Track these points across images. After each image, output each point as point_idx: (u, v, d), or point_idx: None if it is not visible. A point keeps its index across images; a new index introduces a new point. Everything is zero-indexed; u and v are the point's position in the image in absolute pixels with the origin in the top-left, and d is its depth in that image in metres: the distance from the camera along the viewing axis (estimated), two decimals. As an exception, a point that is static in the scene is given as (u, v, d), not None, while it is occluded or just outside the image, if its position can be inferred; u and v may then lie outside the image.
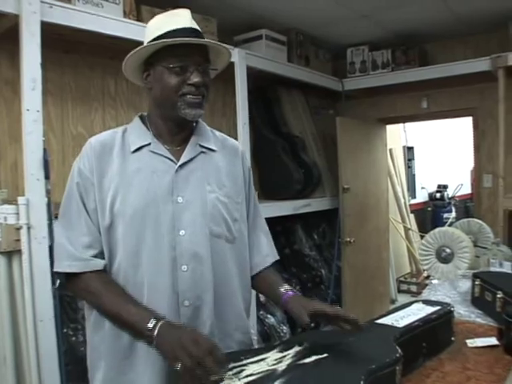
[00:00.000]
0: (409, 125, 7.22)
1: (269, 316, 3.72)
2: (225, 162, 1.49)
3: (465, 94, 4.36)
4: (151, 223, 1.33)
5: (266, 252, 1.58)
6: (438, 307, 1.59)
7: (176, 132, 1.43)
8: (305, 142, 4.21)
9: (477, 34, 4.19)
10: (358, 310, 4.18)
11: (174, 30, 1.35)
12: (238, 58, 3.31)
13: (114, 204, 1.34)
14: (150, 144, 1.41)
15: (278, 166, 3.91)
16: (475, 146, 4.38)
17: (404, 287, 6.06)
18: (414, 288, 5.94)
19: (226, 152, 1.52)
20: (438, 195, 8.00)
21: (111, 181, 1.36)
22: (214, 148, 1.48)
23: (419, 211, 7.54)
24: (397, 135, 6.71)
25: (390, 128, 5.36)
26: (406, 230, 6.27)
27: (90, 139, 1.43)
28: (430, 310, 1.56)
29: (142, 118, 1.49)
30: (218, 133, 1.58)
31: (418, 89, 4.46)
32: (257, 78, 3.67)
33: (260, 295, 3.31)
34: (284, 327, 3.67)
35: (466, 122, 4.60)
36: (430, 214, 7.80)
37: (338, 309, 1.31)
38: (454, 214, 7.68)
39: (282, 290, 1.43)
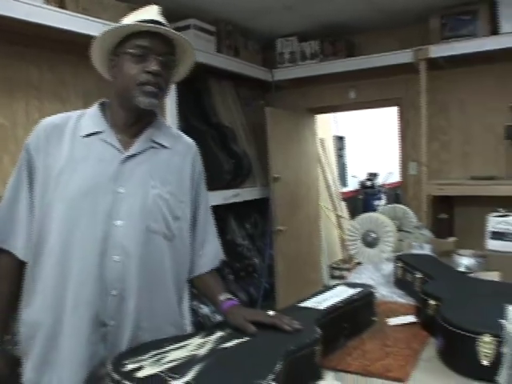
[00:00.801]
0: (340, 115, 7.39)
1: (202, 306, 3.73)
2: (174, 160, 1.49)
3: (390, 84, 4.51)
4: (88, 210, 1.34)
5: (213, 255, 1.60)
6: (360, 289, 1.66)
7: (131, 123, 1.44)
8: (235, 132, 4.23)
9: (401, 27, 4.33)
10: (291, 296, 4.25)
11: (139, 21, 1.37)
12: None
13: (55, 187, 1.35)
14: (102, 132, 1.41)
15: (207, 156, 3.86)
16: (401, 135, 4.55)
17: (336, 273, 6.22)
18: (346, 273, 6.10)
19: (177, 150, 1.52)
20: (369, 183, 8.25)
21: (57, 163, 1.36)
22: (166, 145, 1.48)
23: (351, 199, 7.74)
24: (328, 125, 6.84)
25: (321, 118, 5.47)
26: (338, 217, 6.43)
27: (43, 120, 1.44)
28: (352, 291, 1.62)
29: (103, 105, 1.49)
30: (175, 131, 1.60)
31: (346, 79, 4.56)
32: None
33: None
34: (218, 316, 3.70)
35: (394, 112, 4.76)
36: (361, 201, 8.03)
37: (274, 318, 1.34)
38: (384, 202, 7.94)
39: (222, 298, 1.47)
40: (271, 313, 1.36)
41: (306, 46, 4.55)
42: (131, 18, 1.42)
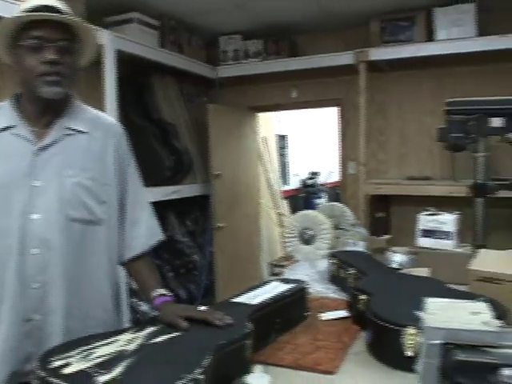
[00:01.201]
0: (282, 114, 7.45)
1: (141, 303, 3.69)
2: (94, 145, 1.45)
3: (332, 85, 4.58)
4: (3, 206, 1.31)
5: (145, 236, 1.56)
6: (293, 285, 1.68)
7: (41, 113, 1.39)
8: (177, 128, 4.20)
9: (344, 29, 4.41)
10: (230, 293, 4.23)
11: (32, 8, 1.32)
12: (107, 41, 3.21)
13: None
14: (14, 126, 1.37)
15: (148, 152, 3.86)
16: (341, 135, 4.64)
17: (276, 270, 6.25)
18: (286, 271, 6.15)
19: (98, 133, 1.47)
20: (310, 182, 8.37)
21: None
22: (83, 130, 1.44)
23: (292, 198, 7.82)
24: (270, 124, 6.88)
25: (263, 117, 5.51)
26: (279, 215, 6.48)
27: None
28: (285, 287, 1.64)
29: (17, 97, 1.44)
30: (94, 112, 1.54)
31: (289, 78, 4.61)
32: (128, 64, 3.59)
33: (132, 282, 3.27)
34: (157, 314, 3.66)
35: (335, 112, 4.84)
36: (303, 200, 8.13)
37: (206, 313, 1.34)
38: (324, 200, 8.07)
39: (155, 294, 1.45)
40: (203, 308, 1.37)
41: (249, 44, 4.56)
42: (24, 6, 1.36)
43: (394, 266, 2.17)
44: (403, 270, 2.10)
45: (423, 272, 2.09)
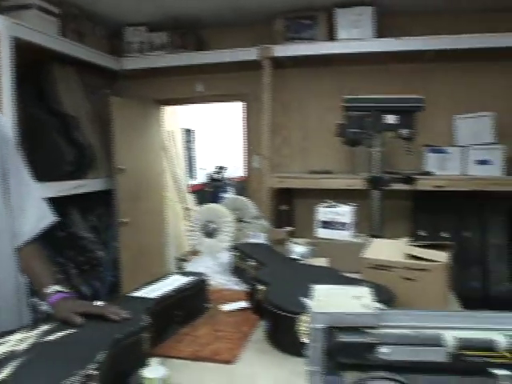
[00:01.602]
0: (189, 108, 7.41)
1: (42, 302, 3.54)
2: None
3: (237, 80, 4.62)
4: None
5: (34, 220, 1.49)
6: (193, 278, 1.69)
7: None
8: (79, 121, 4.06)
9: (251, 25, 4.45)
10: (135, 289, 4.20)
11: None
12: (2, 27, 3.03)
13: None
14: None
15: (48, 146, 3.71)
16: (246, 130, 4.70)
17: (183, 265, 6.23)
18: (188, 264, 6.14)
19: None
20: (217, 176, 8.40)
21: None
22: None
23: (199, 192, 7.81)
24: (177, 118, 6.83)
25: (169, 110, 5.45)
26: (185, 210, 6.46)
27: None
28: (185, 280, 1.65)
29: None
30: None
31: (194, 72, 4.59)
32: (27, 53, 3.41)
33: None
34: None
35: (240, 107, 4.88)
36: (210, 194, 8.14)
37: (102, 308, 1.30)
38: (232, 194, 8.12)
39: (49, 291, 1.39)
40: (99, 303, 1.34)
41: (155, 36, 4.49)
42: None
43: (295, 256, 2.24)
44: (303, 261, 2.17)
45: (322, 262, 2.17)
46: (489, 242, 3.95)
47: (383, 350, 0.78)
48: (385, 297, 1.45)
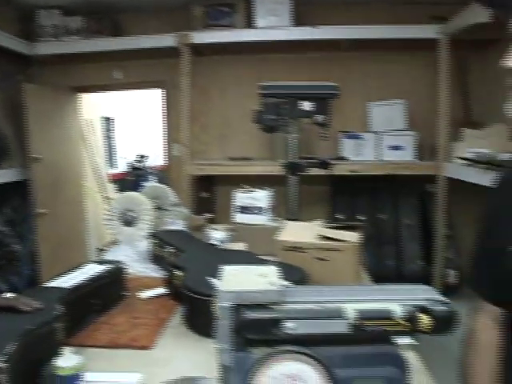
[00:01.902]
0: (108, 96, 7.24)
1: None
2: None
3: (156, 67, 4.55)
4: None
5: None
6: (109, 266, 1.67)
7: None
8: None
9: (169, 11, 4.39)
10: (54, 282, 4.09)
11: None
12: None
13: None
14: None
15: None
16: (165, 117, 4.65)
17: (104, 255, 6.13)
18: (107, 253, 6.03)
19: None
20: (138, 165, 8.27)
21: None
22: None
23: (121, 181, 7.67)
24: (95, 105, 6.66)
25: (88, 98, 5.30)
26: (106, 199, 6.33)
27: None
28: (101, 268, 1.63)
29: None
30: None
31: (112, 59, 4.48)
32: None
33: None
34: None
35: (160, 94, 4.82)
36: (131, 183, 8.00)
37: (12, 300, 1.26)
38: (153, 183, 8.02)
39: None
40: (9, 295, 1.30)
41: (70, 20, 4.32)
42: None
43: (214, 242, 2.26)
44: (222, 246, 2.19)
45: (240, 246, 2.20)
46: (402, 223, 4.15)
47: (288, 324, 0.81)
48: (298, 277, 1.51)
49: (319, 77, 4.03)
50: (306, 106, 2.60)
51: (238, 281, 0.85)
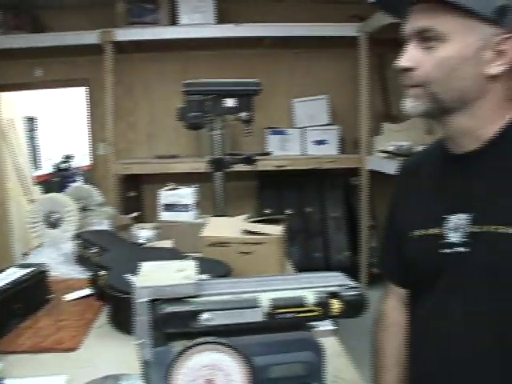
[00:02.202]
0: (30, 95, 7.00)
1: None
2: None
3: (79, 64, 4.47)
4: None
5: None
6: (31, 269, 1.64)
7: None
8: None
9: (91, 7, 4.31)
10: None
11: None
12: None
13: None
14: None
15: None
16: (89, 116, 4.56)
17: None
18: (30, 257, 5.86)
19: None
20: (64, 165, 8.06)
21: None
22: None
23: (46, 182, 7.45)
24: (16, 105, 6.43)
25: (7, 97, 5.11)
26: (31, 202, 6.13)
27: None
28: (22, 272, 1.60)
29: None
30: None
31: (32, 56, 4.36)
32: None
33: None
34: None
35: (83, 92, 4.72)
36: (57, 184, 7.79)
37: None
38: (80, 183, 7.83)
39: None
40: None
41: (-16, 15, 4.17)
42: None
43: (140, 241, 2.25)
44: (148, 244, 2.19)
45: (167, 244, 2.20)
46: (328, 216, 4.27)
47: (205, 316, 0.84)
48: (222, 271, 1.54)
49: (244, 74, 4.09)
50: (230, 102, 2.63)
51: (154, 276, 0.87)
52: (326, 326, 0.94)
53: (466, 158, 1.05)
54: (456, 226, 1.03)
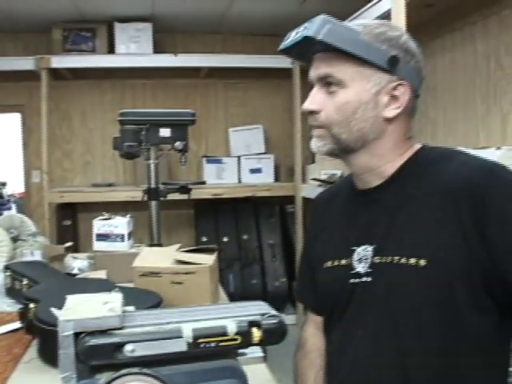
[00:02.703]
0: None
1: None
2: None
3: (13, 90, 4.40)
4: None
5: None
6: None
7: None
8: None
9: (27, 33, 4.27)
10: None
11: None
12: None
13: None
14: None
15: None
16: (23, 143, 4.48)
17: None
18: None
19: None
20: (-3, 193, 7.80)
21: None
22: None
23: (-24, 211, 7.18)
24: None
25: None
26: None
27: None
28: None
29: None
30: None
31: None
32: None
33: None
34: None
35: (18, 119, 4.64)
36: (-11, 212, 7.53)
37: None
38: (14, 212, 7.59)
39: None
40: None
41: None
42: None
43: (74, 271, 2.23)
44: (81, 275, 2.17)
45: (101, 274, 2.19)
46: (265, 243, 4.34)
47: (129, 347, 0.86)
48: (153, 302, 1.56)
49: (181, 103, 4.17)
50: (165, 132, 2.66)
51: (79, 309, 0.89)
52: (254, 353, 0.98)
53: (370, 193, 1.15)
54: (361, 257, 1.10)
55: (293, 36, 1.07)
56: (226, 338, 0.92)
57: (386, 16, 2.46)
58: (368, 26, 1.06)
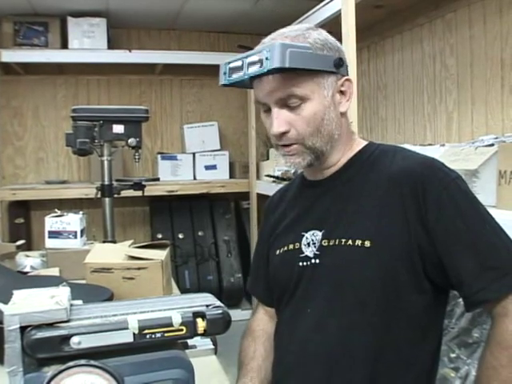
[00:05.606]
0: None
1: None
2: None
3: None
4: None
5: None
6: None
7: None
8: None
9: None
10: None
11: None
12: None
13: None
14: None
15: None
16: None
17: None
18: None
19: None
20: None
21: None
22: None
23: None
24: None
25: None
26: None
27: None
28: None
29: None
30: None
31: None
32: None
33: None
34: None
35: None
36: None
37: None
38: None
39: None
40: None
41: None
42: None
43: (26, 269, 2.22)
44: (34, 273, 2.16)
45: (54, 272, 2.18)
46: (220, 239, 4.37)
47: (76, 339, 0.88)
48: (104, 297, 1.57)
49: (136, 100, 4.15)
50: (118, 129, 2.66)
51: (25, 303, 0.90)
52: (205, 345, 1.02)
53: (322, 183, 1.24)
54: (309, 242, 1.18)
55: (256, 68, 1.10)
56: (171, 328, 0.95)
57: (337, 16, 2.52)
58: (309, 38, 1.13)
